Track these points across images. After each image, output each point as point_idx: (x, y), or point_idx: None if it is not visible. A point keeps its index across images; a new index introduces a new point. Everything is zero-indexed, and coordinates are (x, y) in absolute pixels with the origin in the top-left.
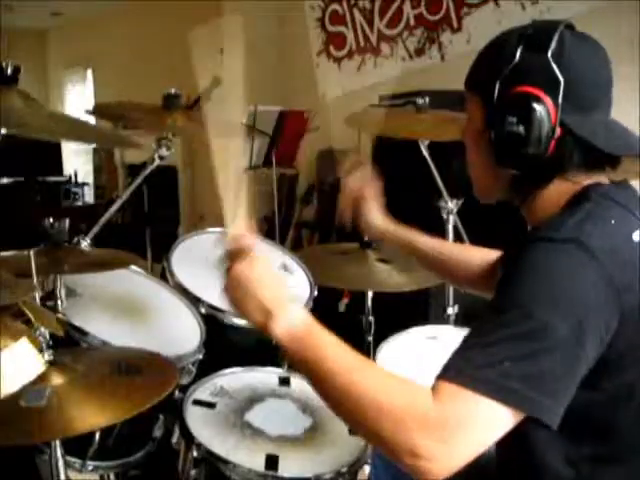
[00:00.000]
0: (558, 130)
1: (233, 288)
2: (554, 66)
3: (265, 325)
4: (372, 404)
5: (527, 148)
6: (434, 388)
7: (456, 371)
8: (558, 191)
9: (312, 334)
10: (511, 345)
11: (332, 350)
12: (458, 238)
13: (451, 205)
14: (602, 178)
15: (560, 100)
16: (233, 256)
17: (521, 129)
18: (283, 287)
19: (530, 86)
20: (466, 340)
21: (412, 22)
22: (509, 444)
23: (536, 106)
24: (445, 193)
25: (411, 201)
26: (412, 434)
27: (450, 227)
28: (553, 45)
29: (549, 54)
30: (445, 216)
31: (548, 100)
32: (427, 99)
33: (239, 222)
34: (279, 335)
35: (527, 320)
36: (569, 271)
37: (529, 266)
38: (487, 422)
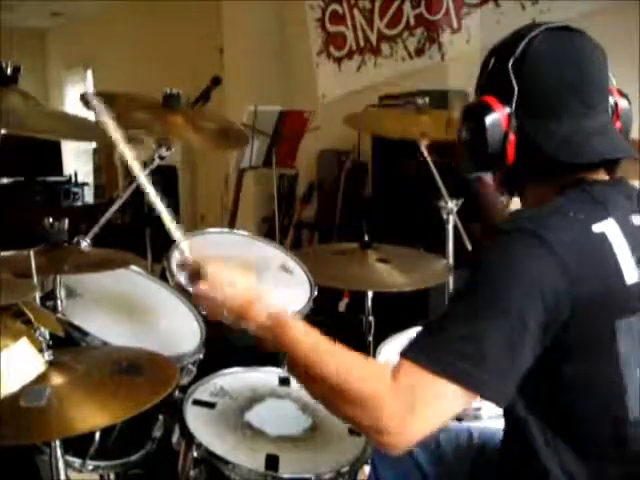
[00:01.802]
0: (512, 136)
1: (205, 307)
2: (511, 74)
3: (240, 326)
4: (336, 385)
5: (476, 152)
6: (396, 366)
7: (413, 350)
8: (546, 189)
9: (279, 326)
10: (462, 326)
11: (298, 338)
12: (458, 238)
13: (451, 205)
14: (600, 174)
15: (514, 108)
16: (193, 278)
17: (468, 135)
18: (245, 290)
19: (490, 95)
20: (428, 321)
21: (412, 22)
22: (511, 444)
23: (482, 113)
24: (445, 193)
25: (411, 201)
26: (373, 412)
27: (450, 227)
28: (517, 53)
29: (510, 63)
30: (445, 216)
31: (501, 108)
32: (427, 99)
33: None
34: (254, 331)
35: (477, 304)
36: (518, 259)
37: (483, 254)
38: (438, 398)
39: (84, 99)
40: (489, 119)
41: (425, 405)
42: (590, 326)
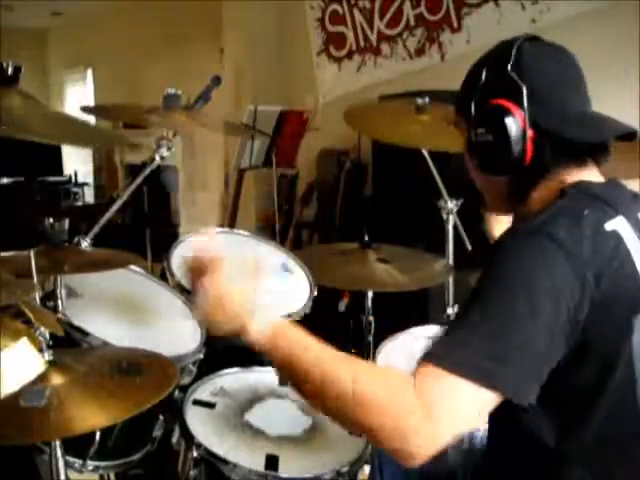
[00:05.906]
0: (530, 132)
1: (203, 307)
2: (514, 75)
3: (239, 334)
4: (353, 397)
5: (501, 153)
6: (417, 371)
7: (434, 354)
8: (547, 191)
9: (281, 335)
10: (482, 328)
11: (305, 347)
12: (458, 238)
13: (451, 205)
14: (597, 176)
15: (525, 104)
16: (196, 274)
17: (489, 137)
18: (248, 296)
19: (498, 98)
20: (447, 326)
21: (412, 22)
22: (501, 440)
23: (502, 115)
24: (445, 193)
25: (411, 201)
26: (399, 421)
27: (450, 227)
28: (512, 58)
29: (509, 67)
30: (445, 216)
31: (514, 107)
32: (427, 99)
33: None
34: (253, 341)
35: (495, 305)
36: (534, 260)
37: (498, 257)
38: (463, 402)
39: None
40: (509, 120)
41: (450, 408)
42: (608, 323)
